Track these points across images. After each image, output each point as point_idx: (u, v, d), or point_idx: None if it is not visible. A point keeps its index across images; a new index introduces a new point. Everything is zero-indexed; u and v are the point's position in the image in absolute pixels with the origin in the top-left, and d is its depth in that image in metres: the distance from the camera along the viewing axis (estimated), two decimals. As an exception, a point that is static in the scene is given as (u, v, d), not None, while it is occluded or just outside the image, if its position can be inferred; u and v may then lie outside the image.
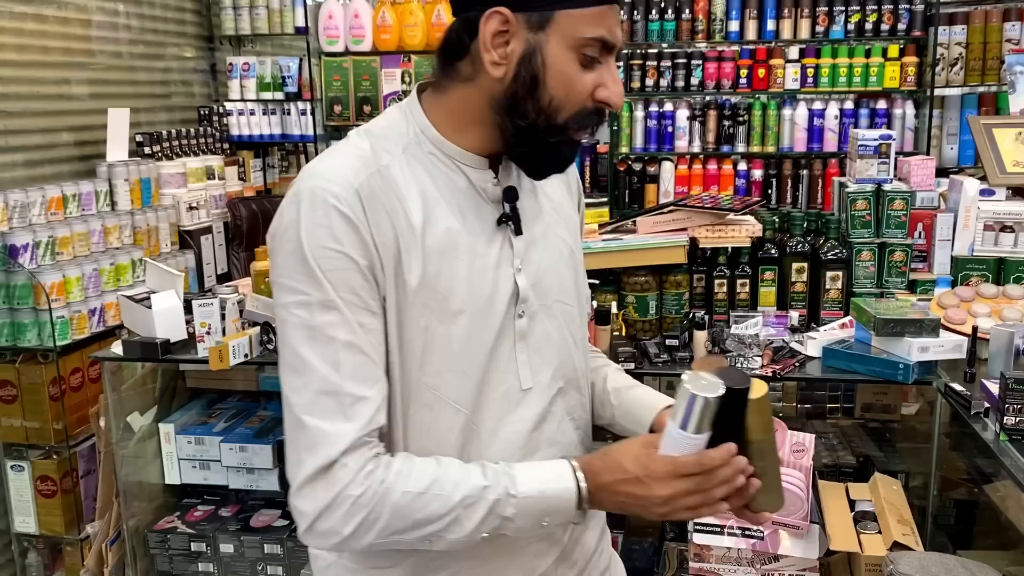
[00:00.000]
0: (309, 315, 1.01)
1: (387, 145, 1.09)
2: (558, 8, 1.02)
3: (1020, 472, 1.62)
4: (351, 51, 4.20)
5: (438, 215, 1.07)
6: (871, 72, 3.85)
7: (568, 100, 1.05)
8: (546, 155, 1.10)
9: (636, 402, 1.26)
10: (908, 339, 2.12)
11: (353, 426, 1.00)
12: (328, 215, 1.01)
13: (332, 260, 1.00)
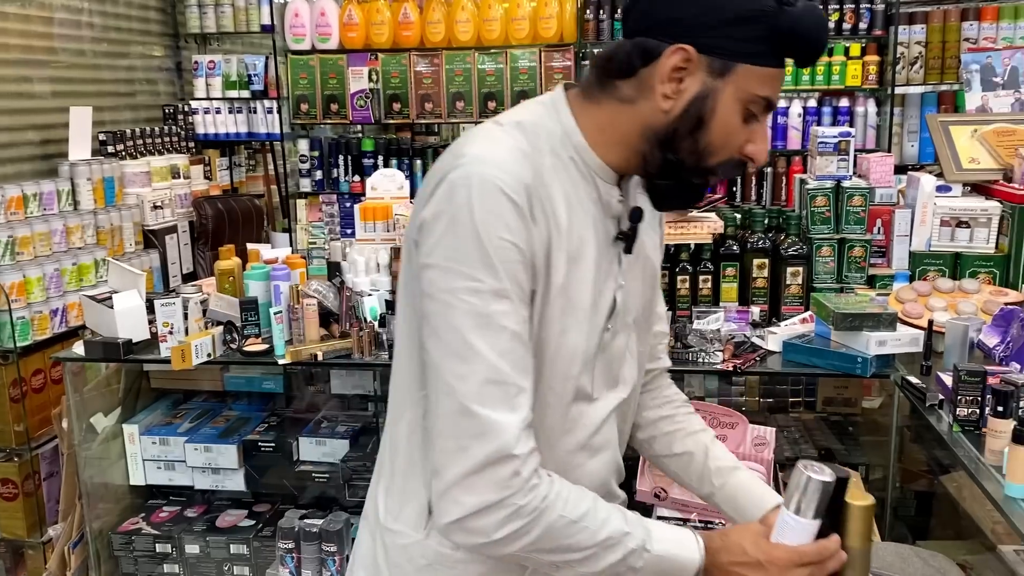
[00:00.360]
0: (482, 303, 1.00)
1: (539, 143, 1.09)
2: (742, 61, 1.04)
3: (972, 463, 1.66)
4: (318, 49, 4.18)
5: (576, 221, 1.09)
6: (833, 71, 3.90)
7: (723, 148, 1.08)
8: (682, 192, 1.13)
9: (743, 493, 1.30)
10: (866, 333, 2.15)
11: (518, 417, 1.01)
12: (501, 204, 1.00)
13: (506, 251, 1.00)
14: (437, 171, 1.06)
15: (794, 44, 1.04)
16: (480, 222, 0.99)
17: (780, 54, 1.05)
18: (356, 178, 4.28)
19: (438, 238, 1.01)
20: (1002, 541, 2.09)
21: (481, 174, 1.00)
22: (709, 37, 1.03)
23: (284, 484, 2.72)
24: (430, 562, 1.13)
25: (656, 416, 1.40)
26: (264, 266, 2.62)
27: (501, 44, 4.07)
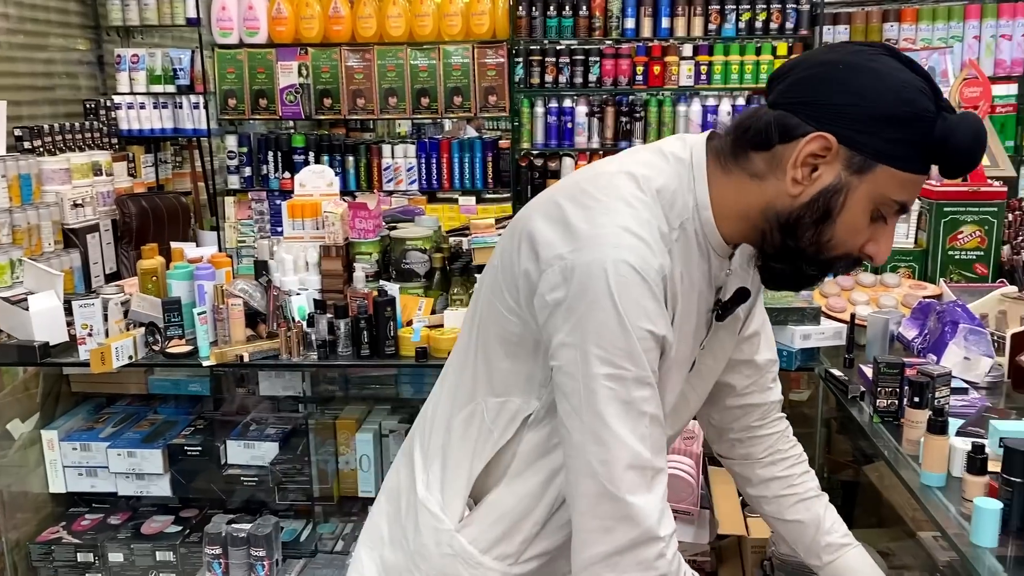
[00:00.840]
0: (625, 390, 1.01)
1: (671, 216, 1.07)
2: (885, 163, 1.00)
3: (891, 453, 1.70)
4: (245, 43, 4.10)
5: (687, 298, 1.10)
6: (761, 69, 3.97)
7: (845, 244, 1.06)
8: (794, 278, 1.11)
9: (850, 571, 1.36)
10: (791, 327, 2.19)
11: (656, 497, 1.03)
12: (644, 295, 1.00)
13: (647, 341, 1.01)
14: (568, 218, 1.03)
15: (945, 154, 1.00)
16: (624, 312, 0.99)
17: (928, 161, 1.02)
18: (286, 175, 4.21)
19: (579, 319, 1.00)
20: (921, 528, 2.15)
21: (623, 260, 0.99)
22: (855, 130, 1.00)
23: (212, 488, 2.65)
24: (456, 553, 1.16)
25: (770, 476, 1.43)
26: (188, 265, 2.55)
27: (434, 40, 4.04)
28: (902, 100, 0.99)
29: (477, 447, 1.16)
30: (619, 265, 0.99)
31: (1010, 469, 1.36)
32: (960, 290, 2.36)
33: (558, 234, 1.03)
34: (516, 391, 1.13)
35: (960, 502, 1.46)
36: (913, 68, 1.02)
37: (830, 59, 1.03)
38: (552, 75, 4.07)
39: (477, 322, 1.17)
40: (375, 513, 1.32)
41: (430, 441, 1.22)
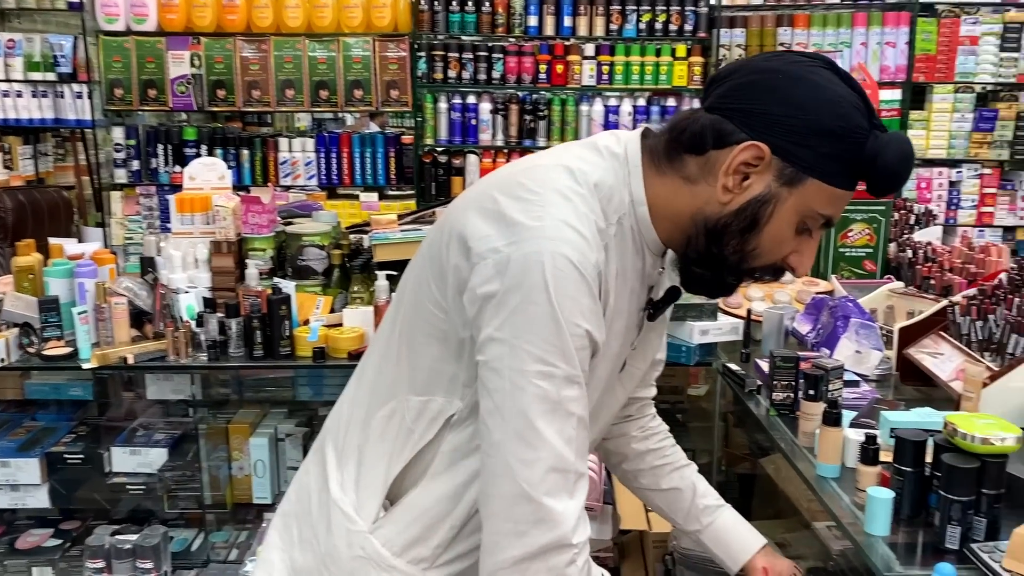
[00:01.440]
0: (555, 389, 0.97)
1: (608, 211, 1.05)
2: (815, 177, 1.00)
3: (788, 445, 1.73)
4: (133, 30, 3.92)
5: (620, 294, 1.08)
6: (661, 71, 4.02)
7: (768, 255, 1.06)
8: (713, 284, 1.10)
9: (730, 533, 1.40)
10: (690, 323, 2.22)
11: (575, 503, 1.00)
12: (580, 291, 0.98)
13: (581, 339, 0.99)
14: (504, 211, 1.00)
15: (874, 172, 1.00)
16: (558, 307, 0.96)
17: (856, 177, 1.02)
18: (177, 168, 4.04)
19: (511, 313, 0.97)
20: (816, 518, 2.20)
21: (561, 254, 0.97)
22: (789, 142, 0.99)
23: (95, 499, 2.50)
24: (368, 556, 1.12)
25: (643, 449, 1.45)
26: (67, 262, 2.40)
27: (333, 32, 3.94)
28: (837, 115, 0.99)
29: (396, 447, 1.12)
30: (557, 258, 0.96)
31: (901, 459, 1.39)
32: (850, 286, 2.43)
33: (493, 227, 1.00)
34: (439, 390, 1.09)
35: (854, 492, 1.49)
36: (850, 83, 1.02)
37: (770, 67, 1.03)
38: (455, 71, 4.03)
39: (401, 318, 1.13)
40: (285, 513, 1.26)
41: (345, 440, 1.17)
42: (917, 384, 2.03)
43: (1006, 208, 4.32)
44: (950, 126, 4.20)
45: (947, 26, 4.11)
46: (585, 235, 1.00)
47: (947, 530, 1.29)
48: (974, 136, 4.23)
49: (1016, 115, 4.22)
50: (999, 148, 4.26)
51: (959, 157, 4.25)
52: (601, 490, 2.16)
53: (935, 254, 2.49)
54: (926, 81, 4.17)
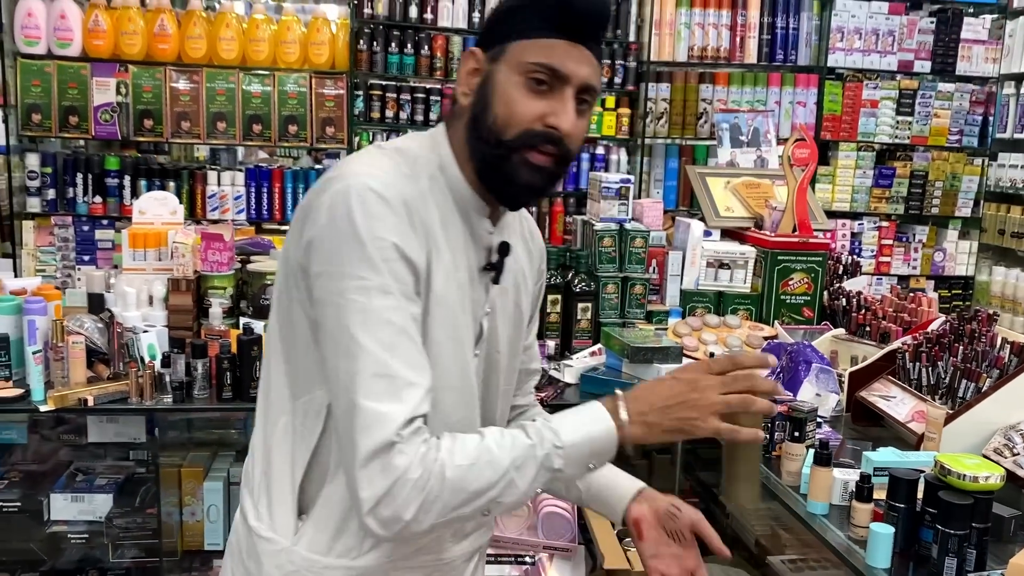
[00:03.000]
0: (367, 299, 1.03)
1: (418, 169, 1.13)
2: (510, 41, 1.11)
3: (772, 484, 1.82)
4: (56, 55, 3.76)
5: (449, 244, 1.14)
6: (592, 120, 4.16)
7: (511, 120, 1.10)
8: (509, 177, 1.13)
9: (607, 490, 1.34)
10: (656, 365, 2.31)
11: (405, 407, 1.02)
12: (380, 207, 1.05)
13: (386, 249, 1.04)
14: (318, 190, 1.09)
15: (561, 11, 1.09)
16: (360, 224, 1.03)
17: (550, 25, 1.10)
18: (97, 199, 3.88)
19: (325, 249, 1.05)
20: (769, 553, 2.32)
21: (361, 184, 1.05)
22: (490, 32, 1.14)
23: (32, 549, 2.36)
24: (298, 568, 1.15)
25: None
26: (13, 298, 2.27)
27: (269, 66, 3.90)
28: None
29: (294, 454, 1.15)
30: (360, 189, 1.05)
31: (895, 496, 1.50)
32: (791, 331, 2.59)
33: (309, 197, 1.11)
34: (317, 383, 1.12)
35: (847, 527, 1.59)
36: None
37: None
38: (393, 110, 4.06)
39: (274, 338, 1.18)
40: (225, 558, 1.27)
41: (253, 473, 1.20)
42: (867, 424, 2.19)
43: (901, 258, 4.67)
44: (853, 181, 4.53)
45: (851, 89, 4.45)
46: (387, 171, 1.09)
47: (945, 562, 1.41)
48: (874, 191, 4.57)
49: (911, 173, 4.59)
50: (895, 203, 4.61)
51: (860, 210, 4.58)
52: (574, 531, 2.21)
53: (867, 303, 2.68)
54: (832, 139, 4.48)
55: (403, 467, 1.00)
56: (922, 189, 4.61)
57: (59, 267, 3.87)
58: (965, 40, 4.53)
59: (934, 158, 4.64)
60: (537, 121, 1.10)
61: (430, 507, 1.02)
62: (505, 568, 2.15)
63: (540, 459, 1.06)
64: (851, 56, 4.44)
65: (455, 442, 1.05)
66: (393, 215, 1.05)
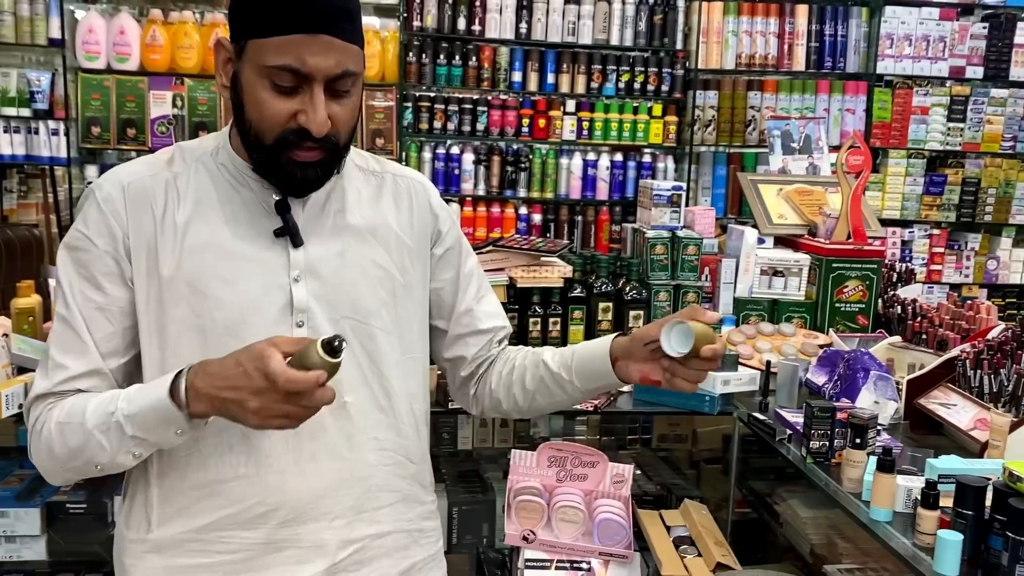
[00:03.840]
0: (58, 295, 1.18)
1: (185, 155, 1.20)
2: (250, 38, 1.10)
3: (832, 491, 1.81)
4: (115, 69, 3.86)
5: (205, 218, 1.17)
6: (638, 128, 4.18)
7: (264, 124, 1.11)
8: (279, 175, 1.15)
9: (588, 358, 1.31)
10: (712, 373, 2.30)
11: (46, 383, 1.15)
12: (90, 205, 1.17)
13: (79, 240, 1.16)
14: None
15: (289, 6, 1.07)
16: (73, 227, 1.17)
17: (283, 21, 1.07)
18: (154, 210, 3.96)
19: None
20: (827, 561, 2.30)
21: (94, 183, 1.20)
22: (234, 26, 1.13)
23: (96, 551, 2.41)
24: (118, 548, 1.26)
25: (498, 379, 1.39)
26: (81, 304, 2.34)
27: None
28: None
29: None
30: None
31: (963, 503, 1.49)
32: (846, 339, 2.57)
33: None
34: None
35: (913, 535, 1.57)
36: None
37: None
38: (441, 121, 4.10)
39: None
40: None
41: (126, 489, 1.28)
42: (925, 432, 2.16)
43: (953, 267, 4.60)
44: (903, 189, 4.47)
45: (901, 96, 4.40)
46: (124, 168, 1.20)
47: (1016, 570, 1.39)
48: (925, 199, 4.51)
49: (962, 180, 4.53)
50: (947, 211, 4.55)
51: (911, 218, 4.52)
52: (631, 537, 2.21)
53: (923, 310, 2.65)
54: (882, 146, 4.44)
55: (32, 420, 1.16)
56: (974, 196, 4.54)
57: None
58: (1018, 45, 4.46)
59: (986, 165, 4.57)
60: (290, 121, 1.10)
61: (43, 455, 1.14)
62: (560, 574, 2.15)
63: (113, 424, 1.09)
64: (901, 63, 4.40)
65: (72, 401, 1.13)
66: (96, 209, 1.15)
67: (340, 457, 1.21)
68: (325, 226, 1.22)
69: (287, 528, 1.20)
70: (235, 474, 1.18)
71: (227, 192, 1.18)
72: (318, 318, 1.19)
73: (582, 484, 2.27)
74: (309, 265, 1.19)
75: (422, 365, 1.33)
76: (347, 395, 1.20)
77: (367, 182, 1.28)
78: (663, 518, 2.31)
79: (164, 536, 1.19)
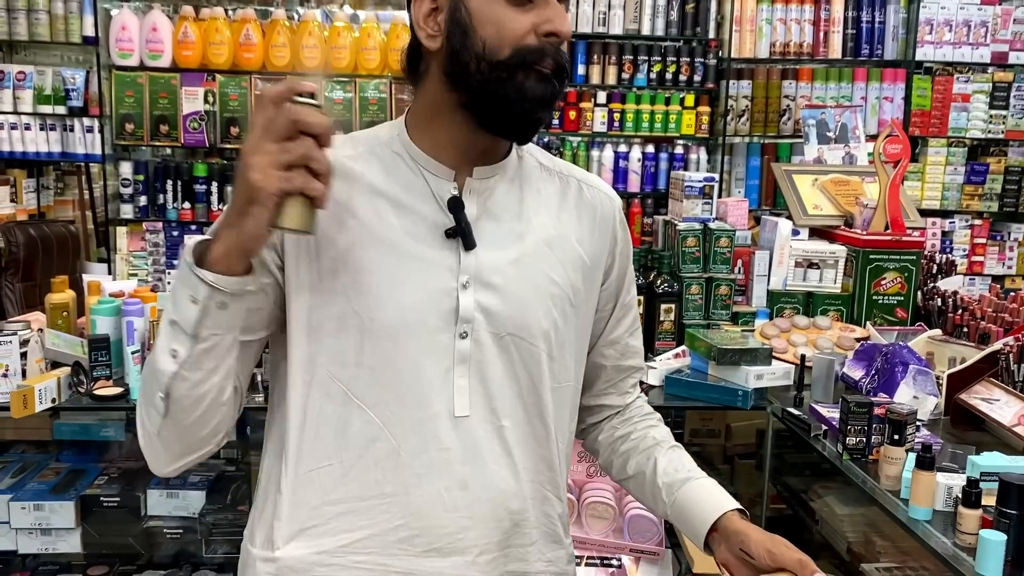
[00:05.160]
0: None
1: (355, 144, 1.11)
2: None
3: (869, 488, 1.77)
4: (147, 66, 3.89)
5: (380, 211, 1.07)
6: (670, 119, 4.12)
7: (503, 40, 1.02)
8: (511, 98, 1.03)
9: (691, 505, 1.16)
10: (745, 367, 2.26)
11: None
12: None
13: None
14: None
15: None
16: None
17: None
18: (186, 205, 3.99)
19: None
20: (864, 560, 2.25)
21: None
22: None
23: (130, 543, 2.44)
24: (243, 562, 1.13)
25: (611, 438, 1.29)
26: (112, 300, 2.36)
27: (350, 73, 3.96)
28: None
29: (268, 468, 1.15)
30: None
31: (1006, 502, 1.44)
32: (884, 332, 2.51)
33: None
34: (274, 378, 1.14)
35: (953, 534, 1.53)
36: None
37: None
38: (471, 114, 4.08)
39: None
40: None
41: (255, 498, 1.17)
42: (967, 428, 2.10)
43: (995, 258, 4.48)
44: (943, 178, 4.37)
45: (941, 83, 4.29)
46: None
47: (1062, 572, 1.34)
48: (966, 188, 4.40)
49: (1005, 169, 4.41)
50: (989, 200, 4.43)
51: (952, 208, 4.41)
52: (661, 534, 2.18)
53: (965, 303, 2.58)
54: (921, 135, 4.33)
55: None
56: (1018, 185, 4.42)
57: (150, 271, 4.00)
58: (1064, 29, 4.33)
59: (1031, 153, 4.45)
60: (530, 35, 1.03)
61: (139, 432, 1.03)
62: (591, 571, 2.13)
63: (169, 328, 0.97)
64: (941, 49, 4.29)
65: None
66: None
67: (493, 486, 1.09)
68: (500, 228, 1.11)
69: (428, 559, 1.07)
70: (379, 491, 1.06)
71: (404, 183, 1.08)
72: (482, 332, 1.07)
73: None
74: (479, 271, 1.08)
75: (573, 395, 1.20)
76: (504, 419, 1.09)
77: (550, 183, 1.17)
78: (695, 515, 2.27)
79: (292, 556, 1.07)
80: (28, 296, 3.39)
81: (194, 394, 0.99)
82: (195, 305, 0.95)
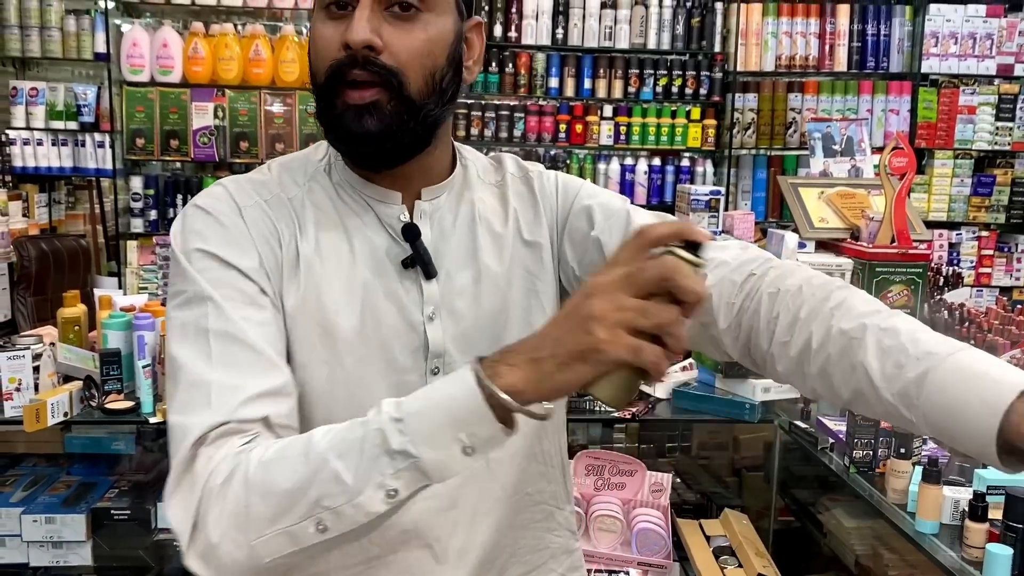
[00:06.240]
0: (186, 311, 0.91)
1: (295, 176, 1.01)
2: None
3: (876, 502, 1.77)
4: (158, 82, 3.93)
5: (332, 247, 0.98)
6: (676, 132, 4.14)
7: (318, 58, 0.95)
8: (338, 133, 0.95)
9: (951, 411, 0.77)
10: (752, 380, 2.27)
11: (213, 413, 0.84)
12: (198, 221, 0.94)
13: (202, 259, 0.92)
14: None
15: None
16: (180, 244, 0.94)
17: None
18: (197, 220, 4.02)
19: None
20: (872, 573, 2.25)
21: (192, 204, 0.97)
22: None
23: (140, 556, 2.45)
24: None
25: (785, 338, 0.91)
26: (123, 315, 2.38)
27: (358, 88, 4.00)
28: None
29: None
30: (186, 211, 0.97)
31: (1013, 515, 1.44)
32: (891, 345, 2.51)
33: None
34: None
35: (960, 548, 1.53)
36: None
37: None
38: (478, 128, 4.11)
39: None
40: None
41: None
42: (974, 442, 2.10)
43: (1002, 270, 4.48)
44: (950, 190, 4.38)
45: (947, 96, 4.31)
46: (228, 187, 0.98)
47: (1069, 586, 1.34)
48: (972, 200, 4.41)
49: (1011, 180, 4.42)
50: (995, 212, 4.43)
51: (958, 220, 4.42)
52: (669, 547, 2.18)
53: (971, 315, 2.58)
54: (927, 147, 4.34)
55: (204, 474, 0.81)
56: (1025, 197, 4.43)
57: (160, 285, 4.03)
58: (1070, 41, 4.35)
59: (1037, 165, 4.46)
60: (338, 49, 0.92)
61: (239, 521, 0.79)
62: (598, 584, 2.14)
63: (376, 436, 0.78)
64: (946, 61, 4.31)
65: (283, 440, 0.84)
66: (216, 226, 0.93)
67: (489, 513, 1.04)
68: (458, 249, 1.03)
69: None
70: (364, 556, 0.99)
71: (351, 214, 1.00)
72: (456, 363, 0.99)
73: (620, 493, 2.25)
74: (444, 299, 1.01)
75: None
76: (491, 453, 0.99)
77: (491, 192, 1.09)
78: (703, 527, 2.28)
79: None
80: (40, 310, 3.41)
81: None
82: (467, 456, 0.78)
